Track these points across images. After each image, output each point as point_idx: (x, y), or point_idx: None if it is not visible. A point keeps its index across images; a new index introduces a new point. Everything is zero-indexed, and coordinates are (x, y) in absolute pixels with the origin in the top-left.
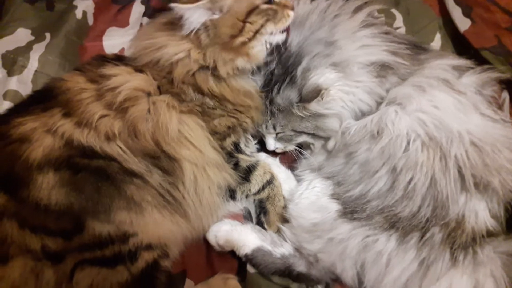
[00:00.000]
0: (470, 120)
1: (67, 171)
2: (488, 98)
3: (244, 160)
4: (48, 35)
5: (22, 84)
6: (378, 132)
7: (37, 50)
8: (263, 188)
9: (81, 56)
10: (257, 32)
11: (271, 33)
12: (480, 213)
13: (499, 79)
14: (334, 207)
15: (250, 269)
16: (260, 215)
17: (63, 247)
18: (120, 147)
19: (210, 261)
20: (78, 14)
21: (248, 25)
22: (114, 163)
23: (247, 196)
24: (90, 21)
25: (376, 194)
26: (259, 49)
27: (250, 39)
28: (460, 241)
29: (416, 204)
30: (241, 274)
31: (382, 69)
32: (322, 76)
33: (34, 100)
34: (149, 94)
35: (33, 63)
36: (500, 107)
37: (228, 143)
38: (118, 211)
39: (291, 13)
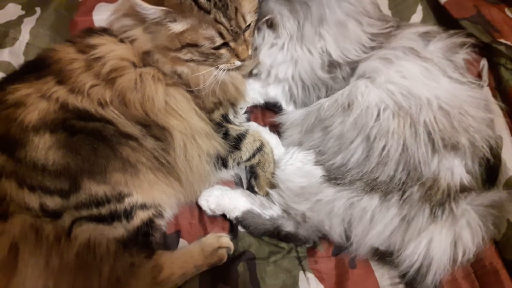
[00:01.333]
0: (438, 85)
1: (63, 133)
2: (456, 62)
3: (234, 129)
4: (38, 9)
5: (14, 56)
6: (349, 105)
7: (28, 23)
8: (253, 155)
9: (72, 30)
10: (192, 60)
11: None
12: (455, 169)
13: (476, 46)
14: (319, 172)
15: (241, 229)
16: (251, 179)
17: (60, 205)
18: (114, 113)
19: (202, 223)
20: None
21: (185, 50)
22: (109, 125)
23: (238, 164)
24: None
25: (355, 163)
26: (204, 67)
27: (185, 60)
28: (437, 198)
29: (392, 169)
30: (233, 232)
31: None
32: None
33: (28, 69)
34: (134, 65)
35: (25, 36)
36: (480, 73)
37: (217, 115)
38: (114, 172)
39: (237, 62)
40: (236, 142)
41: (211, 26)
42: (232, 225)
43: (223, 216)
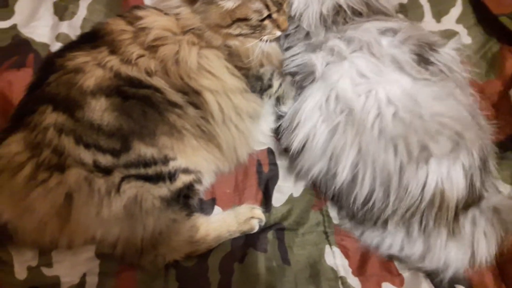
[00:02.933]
0: (393, 85)
1: (117, 98)
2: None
3: (267, 71)
4: None
5: (72, 28)
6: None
7: (85, 0)
8: (280, 85)
9: (124, 8)
10: (241, 34)
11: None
12: (453, 174)
13: None
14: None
15: (274, 202)
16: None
17: (111, 163)
18: (160, 81)
19: (237, 193)
20: None
21: (235, 25)
22: (158, 93)
23: (270, 97)
24: None
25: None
26: (250, 39)
27: (235, 35)
28: (449, 216)
29: (371, 192)
30: (266, 206)
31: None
32: None
33: (84, 39)
34: (175, 34)
35: (82, 11)
36: None
37: (254, 70)
38: (161, 136)
39: (278, 33)
40: (269, 82)
41: None
42: (265, 198)
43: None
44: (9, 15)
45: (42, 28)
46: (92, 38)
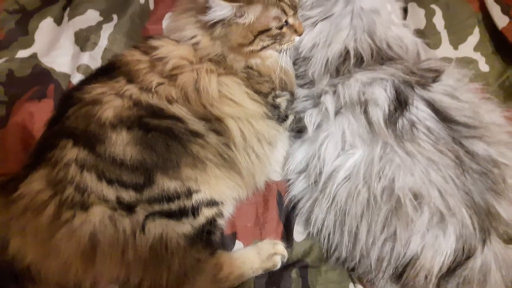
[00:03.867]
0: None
1: (139, 131)
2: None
3: (283, 101)
4: (115, 16)
5: (93, 59)
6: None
7: (107, 30)
8: (295, 117)
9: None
10: (263, 47)
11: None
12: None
13: None
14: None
15: (296, 237)
16: None
17: (135, 198)
18: (182, 109)
19: (258, 227)
20: None
21: (257, 40)
22: (180, 123)
23: (286, 129)
24: (151, 5)
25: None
26: (270, 52)
27: (258, 50)
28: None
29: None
30: (288, 241)
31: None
32: None
33: (101, 72)
34: (191, 63)
35: (103, 41)
36: None
37: (270, 98)
38: (185, 168)
39: (296, 38)
40: (286, 113)
41: (275, 6)
42: (287, 232)
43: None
44: (29, 44)
45: (62, 58)
46: (109, 70)
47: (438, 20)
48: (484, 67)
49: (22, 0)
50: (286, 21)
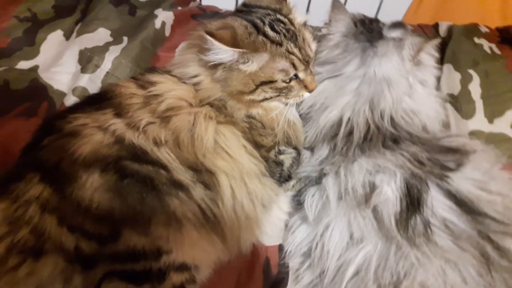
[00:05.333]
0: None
1: (113, 175)
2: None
3: (288, 159)
4: (125, 39)
5: (92, 82)
6: None
7: (113, 52)
8: (299, 180)
9: (153, 64)
10: (266, 99)
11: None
12: None
13: None
14: None
15: None
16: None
17: (96, 251)
18: (169, 155)
19: None
20: (157, 23)
21: (259, 90)
22: (163, 171)
23: (287, 191)
24: (167, 32)
25: None
26: (275, 104)
27: (259, 101)
28: None
29: None
30: None
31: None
32: None
33: (91, 101)
34: (191, 105)
35: (107, 64)
36: None
37: (273, 153)
38: (158, 225)
39: (306, 94)
40: (289, 173)
41: (284, 57)
42: None
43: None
44: (34, 55)
45: (62, 75)
46: (99, 100)
47: (475, 88)
48: None
49: (35, 8)
50: (296, 75)
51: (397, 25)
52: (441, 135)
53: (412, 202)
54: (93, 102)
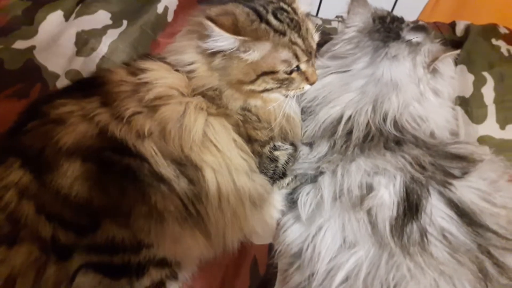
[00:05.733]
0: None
1: (94, 164)
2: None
3: (284, 155)
4: (125, 22)
5: (87, 66)
6: None
7: (110, 36)
8: (295, 178)
9: (152, 50)
10: (266, 90)
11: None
12: None
13: None
14: None
15: None
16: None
17: (73, 242)
18: (152, 148)
19: None
20: (160, 8)
21: (260, 80)
22: (145, 164)
23: (280, 188)
24: (170, 17)
25: None
26: (275, 96)
27: (259, 91)
28: None
29: None
30: None
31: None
32: None
33: (79, 86)
34: (183, 95)
35: (103, 48)
36: None
37: (267, 148)
38: (139, 217)
39: (306, 87)
40: (284, 170)
41: (287, 48)
42: None
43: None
44: (31, 35)
45: (58, 57)
46: (88, 86)
47: (488, 92)
48: None
49: None
50: (298, 67)
51: (419, 28)
52: (449, 141)
53: (410, 207)
54: (82, 88)
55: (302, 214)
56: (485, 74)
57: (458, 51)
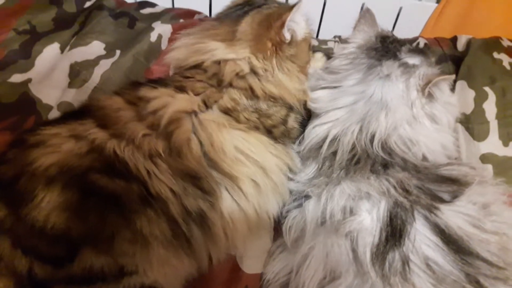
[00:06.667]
0: None
1: (76, 194)
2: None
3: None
4: (118, 52)
5: (79, 97)
6: None
7: (103, 66)
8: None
9: (146, 78)
10: None
11: None
12: None
13: None
14: None
15: None
16: None
17: (50, 276)
18: (161, 166)
19: None
20: (153, 36)
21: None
22: (136, 187)
23: None
24: (164, 45)
25: None
26: None
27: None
28: None
29: None
30: None
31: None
32: None
33: (69, 115)
34: (194, 114)
35: (95, 79)
36: None
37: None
38: (121, 243)
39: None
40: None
41: None
42: None
43: None
44: (28, 68)
45: (53, 89)
46: (78, 114)
47: (490, 107)
48: None
49: (35, 20)
50: None
51: (418, 51)
52: (442, 162)
53: (393, 233)
54: (73, 116)
55: (286, 241)
56: (487, 89)
57: (453, 76)
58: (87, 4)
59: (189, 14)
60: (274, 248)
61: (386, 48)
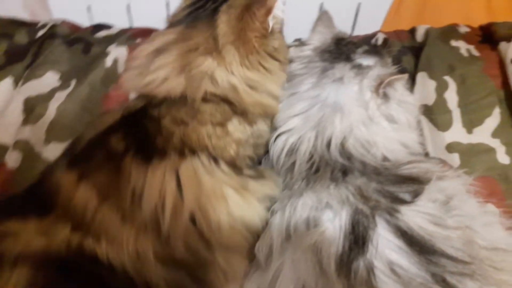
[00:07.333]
0: None
1: None
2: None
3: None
4: (73, 82)
5: (35, 133)
6: None
7: (58, 99)
8: None
9: (104, 105)
10: None
11: None
12: None
13: None
14: None
15: None
16: None
17: None
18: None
19: None
20: (109, 62)
21: None
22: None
23: None
24: (121, 69)
25: None
26: None
27: None
28: None
29: None
30: None
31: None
32: None
33: (28, 199)
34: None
35: (51, 113)
36: None
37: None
38: None
39: None
40: None
41: None
42: None
43: None
44: None
45: (7, 128)
46: (39, 200)
47: (451, 96)
48: (503, 158)
49: None
50: None
51: (372, 52)
52: (403, 161)
53: (357, 241)
54: (32, 202)
55: (259, 259)
56: (447, 78)
57: (406, 76)
58: (40, 33)
59: (146, 32)
60: (249, 268)
61: (339, 50)
